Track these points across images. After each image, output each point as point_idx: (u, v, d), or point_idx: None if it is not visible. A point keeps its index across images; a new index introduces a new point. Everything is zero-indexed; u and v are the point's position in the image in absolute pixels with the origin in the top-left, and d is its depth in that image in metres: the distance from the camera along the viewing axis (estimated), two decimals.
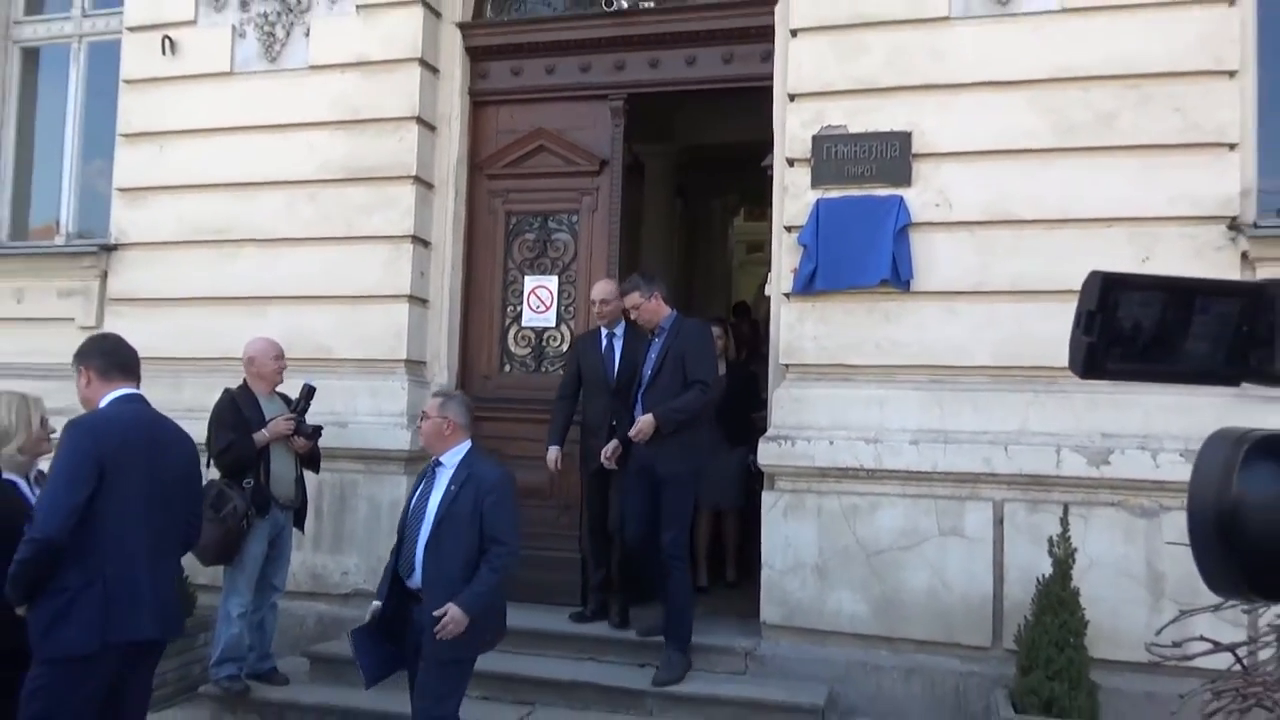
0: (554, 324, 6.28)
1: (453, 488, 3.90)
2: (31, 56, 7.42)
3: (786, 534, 5.21)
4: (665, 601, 5.11)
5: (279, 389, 5.38)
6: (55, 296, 6.80)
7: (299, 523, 5.42)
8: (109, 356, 3.53)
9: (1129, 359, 0.88)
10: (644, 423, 4.96)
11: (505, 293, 6.42)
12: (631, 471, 5.11)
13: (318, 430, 5.30)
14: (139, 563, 3.29)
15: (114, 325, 6.52)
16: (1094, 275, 0.85)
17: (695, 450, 5.10)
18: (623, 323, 5.55)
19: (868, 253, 5.19)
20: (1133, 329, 0.87)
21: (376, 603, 4.00)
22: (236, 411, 5.12)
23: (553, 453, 5.55)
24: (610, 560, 5.62)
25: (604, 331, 5.60)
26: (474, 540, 3.84)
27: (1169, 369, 0.90)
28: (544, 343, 6.33)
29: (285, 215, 6.26)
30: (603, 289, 5.57)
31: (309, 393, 5.28)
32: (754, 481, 5.94)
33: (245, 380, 5.29)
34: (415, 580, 3.90)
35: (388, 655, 3.95)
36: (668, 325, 5.17)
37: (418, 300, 6.16)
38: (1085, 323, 0.86)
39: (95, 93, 7.11)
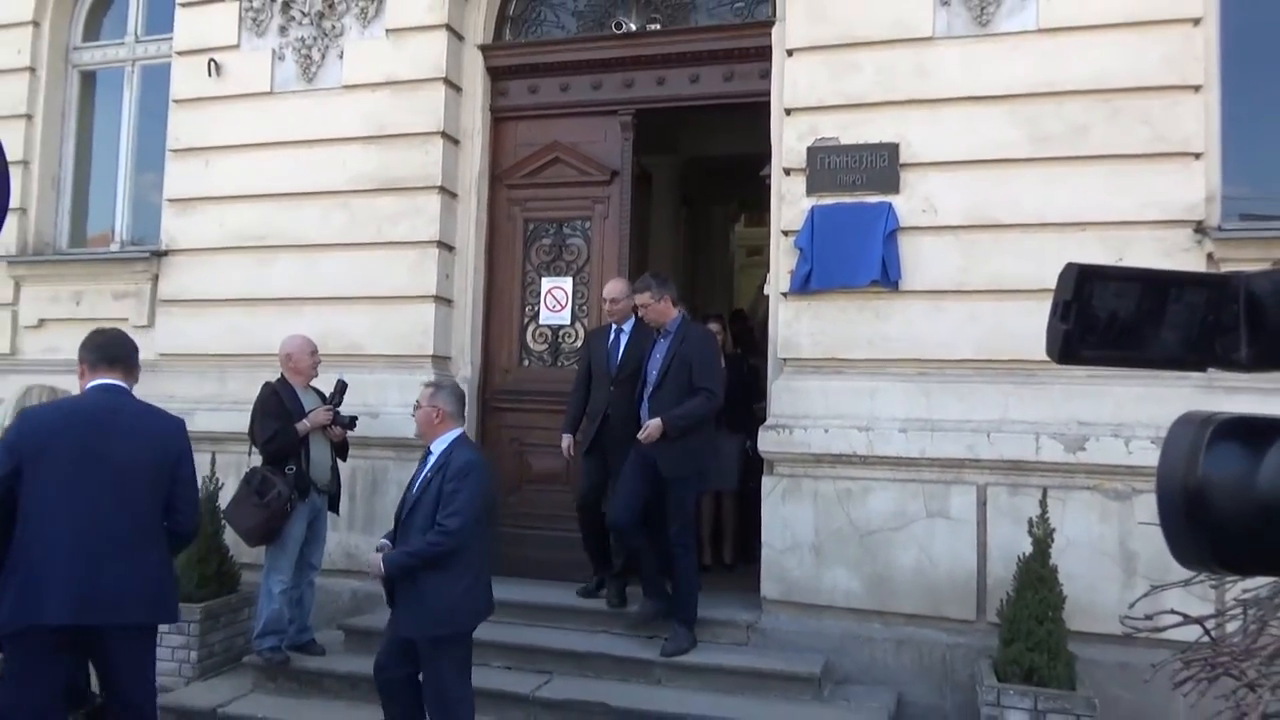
0: (569, 322, 6.26)
1: (429, 474, 3.84)
2: (89, 79, 7.44)
3: (785, 516, 5.19)
4: (672, 583, 5.06)
5: (312, 383, 5.38)
6: (111, 299, 6.82)
7: (334, 506, 5.43)
8: (99, 350, 3.48)
9: (1103, 346, 0.86)
10: (652, 427, 4.87)
11: (524, 293, 6.41)
12: (633, 459, 5.02)
13: (353, 420, 5.32)
14: (58, 549, 3.14)
15: (165, 325, 6.58)
16: (1070, 267, 0.84)
17: (699, 452, 4.99)
18: (632, 320, 5.48)
19: (859, 255, 5.18)
20: (1108, 318, 0.85)
21: (384, 540, 3.97)
22: (279, 403, 5.13)
23: (565, 440, 5.53)
24: (596, 539, 5.46)
25: (613, 327, 5.52)
26: (433, 525, 3.75)
27: (1140, 355, 0.88)
28: (560, 339, 6.32)
29: (320, 223, 6.26)
30: (613, 288, 5.51)
31: (342, 388, 5.30)
32: (751, 466, 5.92)
33: (282, 374, 5.29)
34: None
35: None
36: (674, 328, 5.07)
37: (443, 300, 6.16)
38: (1061, 311, 0.84)
39: (147, 112, 7.13)
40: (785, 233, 5.42)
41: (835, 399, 5.20)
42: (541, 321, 6.33)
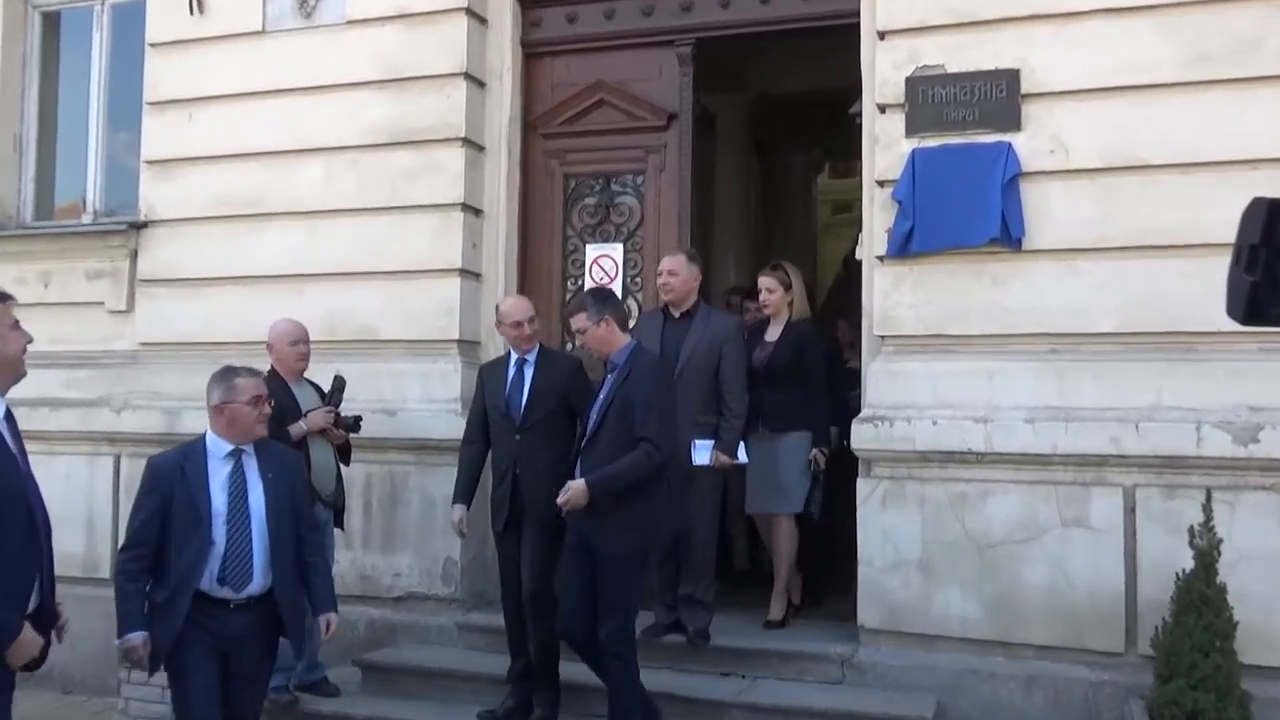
0: (620, 297, 6.22)
1: (269, 475, 3.97)
2: (52, 21, 7.59)
3: (885, 526, 5.14)
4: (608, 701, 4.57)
5: (308, 375, 5.41)
6: (83, 279, 6.99)
7: (338, 521, 5.44)
8: None
9: None
10: (574, 491, 4.41)
11: (565, 264, 6.42)
12: (572, 542, 4.63)
13: (358, 421, 5.35)
14: None
15: (146, 309, 6.72)
16: (1258, 202, 0.79)
17: (645, 525, 4.48)
18: (537, 349, 5.15)
19: (972, 208, 5.09)
20: None
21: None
22: None
23: (457, 512, 5.15)
24: (528, 644, 5.01)
25: (514, 358, 5.14)
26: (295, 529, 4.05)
27: None
28: None
29: (324, 184, 6.33)
30: (514, 307, 5.17)
31: (340, 384, 5.34)
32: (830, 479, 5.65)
33: (273, 366, 5.28)
34: (253, 587, 3.83)
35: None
36: (621, 361, 4.58)
37: (470, 274, 6.20)
38: (1247, 259, 0.79)
39: (120, 58, 7.26)
40: (881, 183, 5.35)
41: (945, 384, 5.13)
42: None
